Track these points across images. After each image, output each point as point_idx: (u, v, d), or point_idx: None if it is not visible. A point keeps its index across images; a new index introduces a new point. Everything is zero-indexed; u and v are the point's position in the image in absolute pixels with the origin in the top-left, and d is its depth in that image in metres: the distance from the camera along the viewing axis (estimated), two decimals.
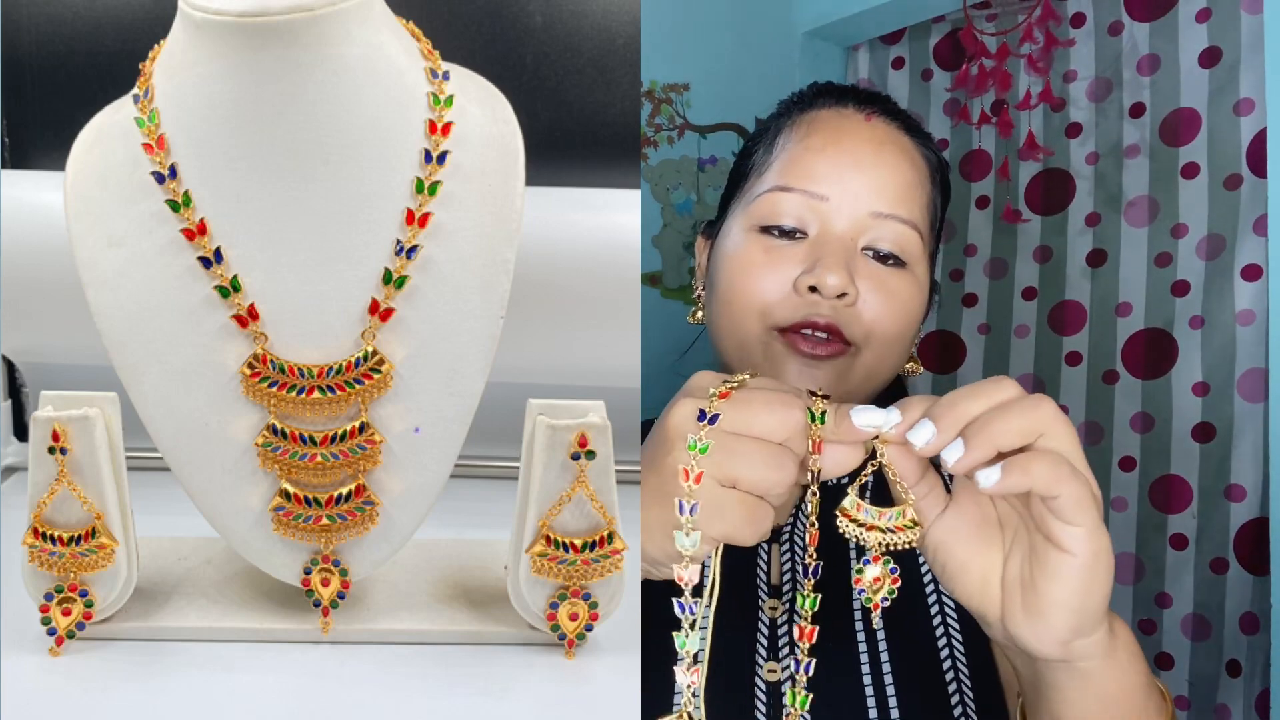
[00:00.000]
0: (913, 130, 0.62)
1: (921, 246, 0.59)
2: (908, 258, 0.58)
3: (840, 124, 0.60)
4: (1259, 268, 1.14)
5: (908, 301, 0.58)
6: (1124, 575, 1.26)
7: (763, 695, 0.51)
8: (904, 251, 0.58)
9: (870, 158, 0.58)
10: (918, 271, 0.59)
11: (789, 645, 0.54)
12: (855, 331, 0.55)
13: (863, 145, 0.58)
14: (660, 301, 1.36)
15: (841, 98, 0.63)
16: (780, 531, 0.59)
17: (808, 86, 0.66)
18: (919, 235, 0.59)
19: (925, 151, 0.62)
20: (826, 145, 0.59)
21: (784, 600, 0.56)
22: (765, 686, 0.52)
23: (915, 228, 0.58)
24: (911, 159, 0.60)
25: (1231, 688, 1.15)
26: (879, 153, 0.58)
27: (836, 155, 0.58)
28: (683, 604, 0.39)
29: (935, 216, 0.62)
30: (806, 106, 0.63)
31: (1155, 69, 1.26)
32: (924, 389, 1.49)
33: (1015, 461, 0.35)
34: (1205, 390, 1.19)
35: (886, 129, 0.60)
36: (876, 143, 0.59)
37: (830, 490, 0.62)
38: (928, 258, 0.61)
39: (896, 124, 0.61)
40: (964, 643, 0.55)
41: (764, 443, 0.38)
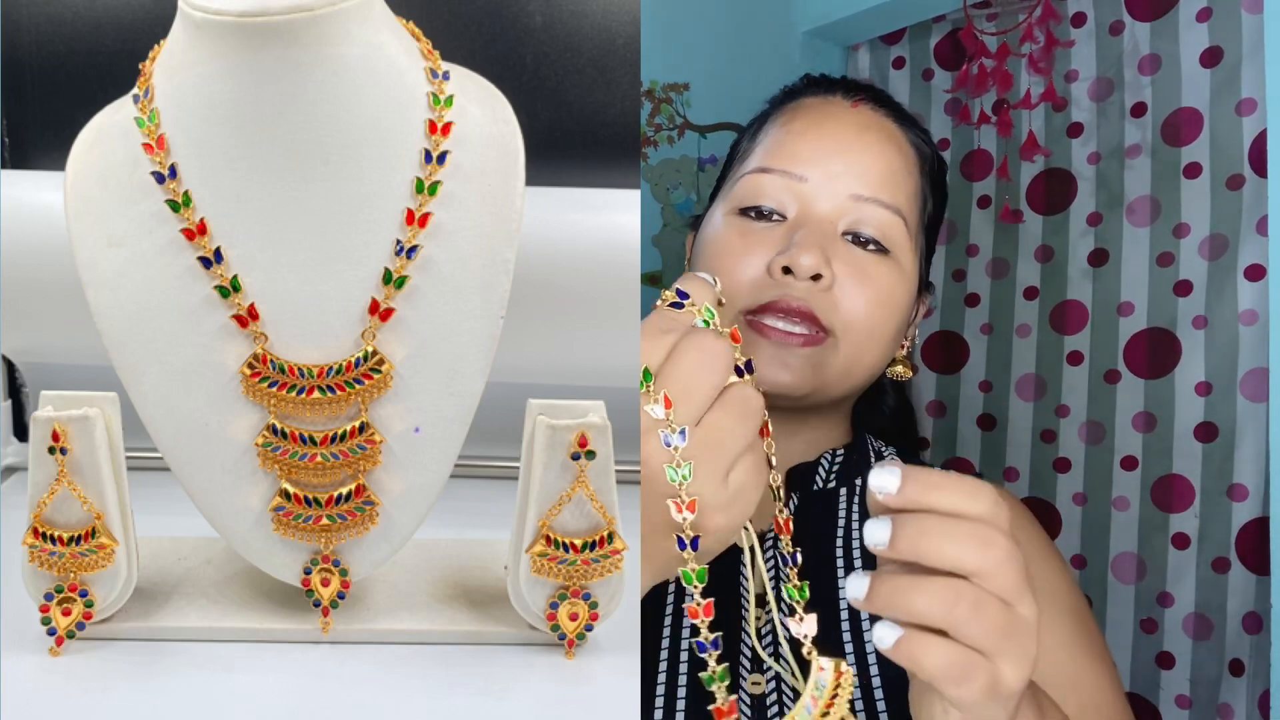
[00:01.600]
0: (902, 119, 0.61)
1: (906, 235, 0.57)
2: (891, 245, 0.56)
3: (825, 109, 0.59)
4: (1262, 268, 1.14)
5: (889, 290, 0.56)
6: (1126, 575, 1.25)
7: (746, 709, 0.50)
8: (886, 238, 0.56)
9: (853, 141, 0.56)
10: (902, 261, 0.57)
11: (774, 657, 0.53)
12: (832, 318, 0.53)
13: (846, 129, 0.57)
14: None
15: (830, 87, 0.62)
16: (763, 538, 0.59)
17: (800, 79, 0.65)
18: (903, 222, 0.56)
19: (915, 140, 0.60)
20: (808, 128, 0.58)
21: (768, 610, 0.55)
22: (749, 699, 0.51)
23: (899, 214, 0.56)
24: (898, 145, 0.58)
25: (1234, 687, 1.15)
26: (862, 136, 0.57)
27: (818, 138, 0.57)
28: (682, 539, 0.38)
29: (924, 208, 0.60)
30: (794, 96, 0.62)
31: (1156, 69, 1.25)
32: (927, 389, 1.49)
33: (913, 642, 0.33)
34: (1208, 390, 1.19)
35: (872, 115, 0.59)
36: (860, 127, 0.57)
37: (816, 494, 0.62)
38: (915, 250, 0.59)
39: (884, 111, 0.60)
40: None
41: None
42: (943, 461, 1.46)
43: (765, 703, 0.51)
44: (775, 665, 0.47)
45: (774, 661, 0.48)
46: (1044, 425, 1.35)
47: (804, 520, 0.60)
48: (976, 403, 1.43)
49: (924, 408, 1.50)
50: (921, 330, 1.50)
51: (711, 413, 0.37)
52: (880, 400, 0.70)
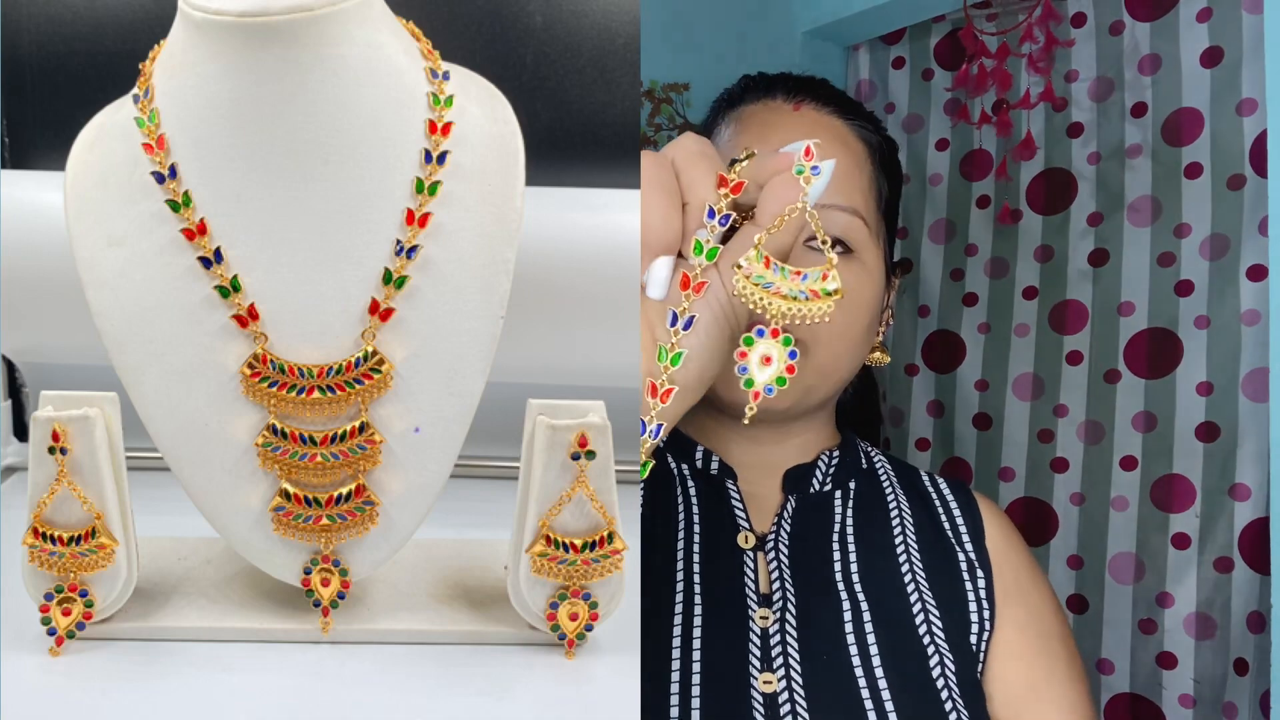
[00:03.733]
0: (846, 112, 0.60)
1: (867, 232, 0.58)
2: (853, 245, 0.57)
3: (767, 118, 0.59)
4: (1264, 268, 1.14)
5: (856, 292, 0.56)
6: (1123, 575, 1.25)
7: (760, 707, 0.51)
8: (848, 239, 0.56)
9: None
10: (866, 259, 0.58)
11: (782, 655, 0.53)
12: (802, 330, 0.53)
13: (791, 136, 0.56)
14: None
15: (770, 89, 0.61)
16: (765, 540, 0.59)
17: (737, 81, 0.65)
18: (862, 221, 0.57)
19: (862, 133, 0.60)
20: (754, 141, 0.57)
21: (774, 610, 0.55)
22: (761, 698, 0.51)
23: (857, 214, 0.57)
24: (845, 143, 0.58)
25: (1239, 686, 1.15)
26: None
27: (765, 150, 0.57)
28: (644, 423, 0.38)
29: (880, 197, 0.61)
30: (736, 102, 0.62)
31: (1156, 69, 1.25)
32: (925, 389, 1.49)
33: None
34: (1209, 390, 1.19)
35: (817, 115, 0.59)
36: (805, 132, 0.57)
37: (812, 496, 0.62)
38: (878, 242, 0.59)
39: (828, 109, 0.60)
40: (954, 661, 0.55)
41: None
42: (942, 462, 1.46)
43: (778, 701, 0.51)
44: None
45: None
46: (1041, 425, 1.35)
47: (801, 521, 0.60)
48: (972, 402, 1.43)
49: (923, 407, 1.50)
50: (920, 329, 1.50)
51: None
52: (847, 392, 0.70)
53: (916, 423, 1.51)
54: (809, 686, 0.51)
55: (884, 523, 0.61)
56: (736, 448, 0.63)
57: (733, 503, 0.60)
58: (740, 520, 0.59)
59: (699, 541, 0.58)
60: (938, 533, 0.62)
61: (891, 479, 0.65)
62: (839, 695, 0.51)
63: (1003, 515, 0.65)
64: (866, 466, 0.65)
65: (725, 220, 0.37)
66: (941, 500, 0.64)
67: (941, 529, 0.62)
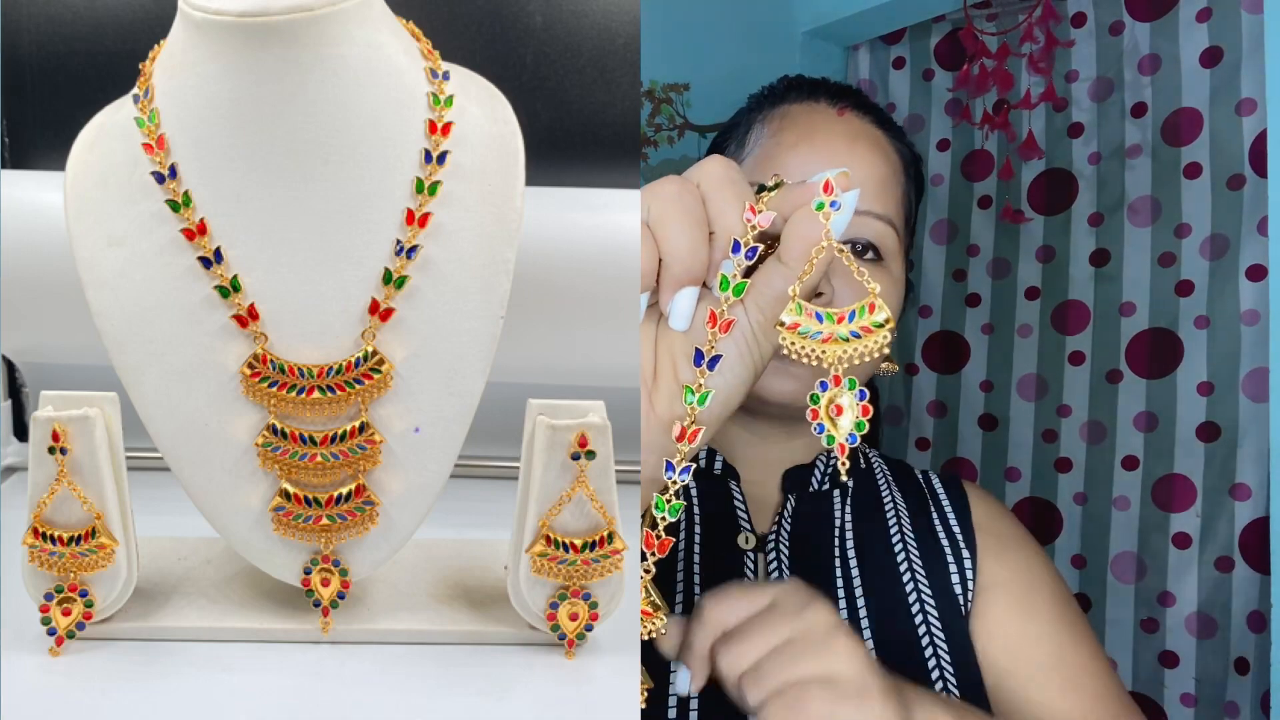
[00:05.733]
0: (886, 124, 0.61)
1: (897, 242, 0.58)
2: (884, 253, 0.57)
3: (812, 119, 0.59)
4: (1263, 268, 1.14)
5: (885, 299, 0.57)
6: (1125, 574, 1.25)
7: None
8: (881, 247, 0.57)
9: (844, 153, 0.57)
10: (893, 268, 0.58)
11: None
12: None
13: (836, 140, 0.57)
14: None
15: (813, 92, 0.62)
16: (765, 540, 0.59)
17: (778, 80, 0.65)
18: (894, 231, 0.58)
19: (899, 146, 0.61)
20: (799, 141, 0.58)
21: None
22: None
23: (890, 223, 0.57)
24: (885, 154, 0.59)
25: (1240, 686, 1.15)
26: (852, 148, 0.57)
27: (810, 151, 0.57)
28: (671, 464, 0.36)
29: (910, 212, 0.61)
30: (778, 101, 0.62)
31: (1156, 69, 1.25)
32: (928, 389, 1.49)
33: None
34: (1210, 390, 1.19)
35: (860, 123, 0.59)
36: (850, 137, 0.57)
37: (811, 496, 0.62)
38: (903, 253, 0.60)
39: (869, 118, 0.60)
40: (943, 630, 0.55)
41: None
42: (943, 462, 1.46)
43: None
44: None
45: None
46: (1045, 425, 1.35)
47: (801, 521, 0.60)
48: (978, 403, 1.43)
49: (924, 408, 1.50)
50: (922, 330, 1.50)
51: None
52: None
53: (916, 422, 1.51)
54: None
55: (880, 520, 0.62)
56: (742, 446, 0.63)
57: (735, 503, 0.60)
58: (742, 521, 0.59)
59: (699, 542, 0.58)
60: (929, 523, 0.62)
61: (887, 477, 0.66)
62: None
63: (991, 496, 0.66)
64: (864, 465, 0.66)
65: (752, 254, 0.34)
66: (933, 494, 0.65)
67: (933, 519, 0.63)
